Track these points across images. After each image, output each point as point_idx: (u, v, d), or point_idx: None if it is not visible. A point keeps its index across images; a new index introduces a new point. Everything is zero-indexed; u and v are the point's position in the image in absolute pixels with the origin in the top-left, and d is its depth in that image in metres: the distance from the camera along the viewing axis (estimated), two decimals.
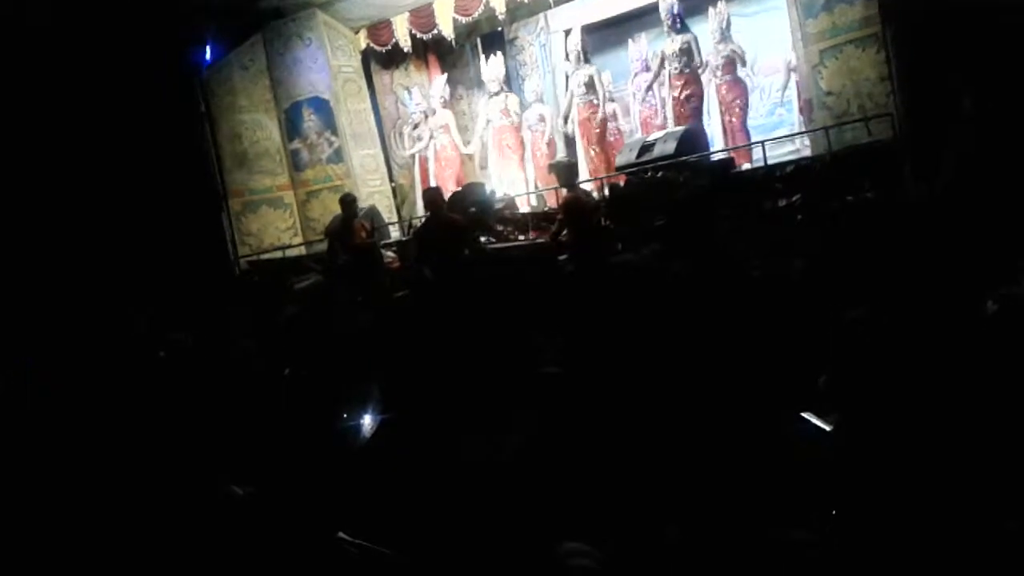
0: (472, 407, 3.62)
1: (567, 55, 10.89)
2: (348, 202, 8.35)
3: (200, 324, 6.29)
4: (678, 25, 9.61)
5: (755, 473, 2.70)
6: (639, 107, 10.58)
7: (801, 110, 9.46)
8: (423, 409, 3.71)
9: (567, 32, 11.69)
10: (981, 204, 4.67)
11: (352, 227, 8.16)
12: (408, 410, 3.78)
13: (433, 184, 10.53)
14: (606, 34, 11.87)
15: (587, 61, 10.52)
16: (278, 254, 11.02)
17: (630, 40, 10.83)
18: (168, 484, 2.77)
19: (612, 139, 10.59)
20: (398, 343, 4.95)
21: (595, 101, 10.37)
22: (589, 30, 11.07)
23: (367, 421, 3.83)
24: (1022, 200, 4.46)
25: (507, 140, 10.94)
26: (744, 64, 9.59)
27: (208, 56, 11.20)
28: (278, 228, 11.51)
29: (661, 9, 9.66)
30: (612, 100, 10.89)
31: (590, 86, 10.35)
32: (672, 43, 9.66)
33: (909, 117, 6.60)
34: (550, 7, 10.99)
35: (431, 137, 11.38)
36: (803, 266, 4.62)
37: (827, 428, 2.76)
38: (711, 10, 9.63)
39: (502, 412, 3.49)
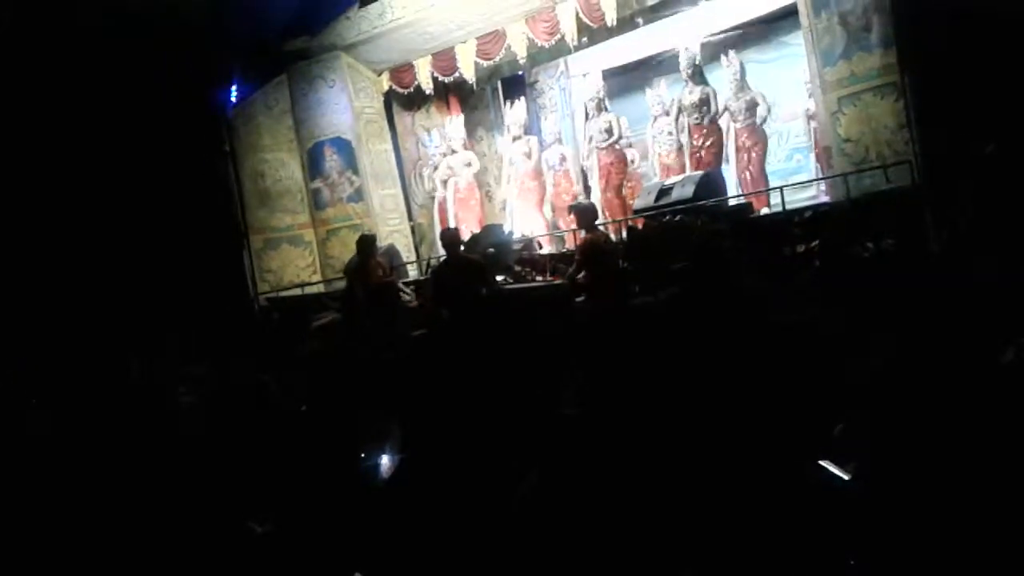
0: (489, 447, 3.62)
1: (586, 100, 11.01)
2: (365, 242, 8.42)
3: (219, 360, 6.33)
4: (697, 77, 9.72)
5: (772, 520, 2.68)
6: (658, 151, 10.67)
7: (818, 157, 9.50)
8: (441, 448, 3.72)
9: (585, 75, 11.88)
10: (1001, 252, 4.66)
11: (369, 266, 8.22)
12: (426, 449, 3.79)
13: (453, 224, 10.63)
14: (624, 79, 12.03)
15: (606, 106, 10.63)
16: (297, 291, 11.10)
17: (647, 88, 10.94)
18: (187, 520, 2.78)
19: (631, 183, 10.66)
20: (416, 382, 4.97)
21: (615, 145, 10.46)
22: (607, 75, 11.21)
23: (385, 460, 3.83)
24: None
25: (527, 182, 11.03)
26: (762, 110, 9.67)
27: (234, 96, 11.41)
28: (298, 266, 11.62)
29: (681, 60, 9.79)
30: (630, 145, 10.98)
31: (609, 131, 10.45)
32: (691, 94, 9.78)
33: (928, 165, 6.61)
34: (570, 52, 11.14)
35: (450, 177, 11.49)
36: (822, 313, 4.61)
37: (844, 477, 2.74)
38: (724, 58, 9.75)
39: (519, 453, 3.49)
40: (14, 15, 8.82)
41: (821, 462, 2.85)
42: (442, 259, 8.39)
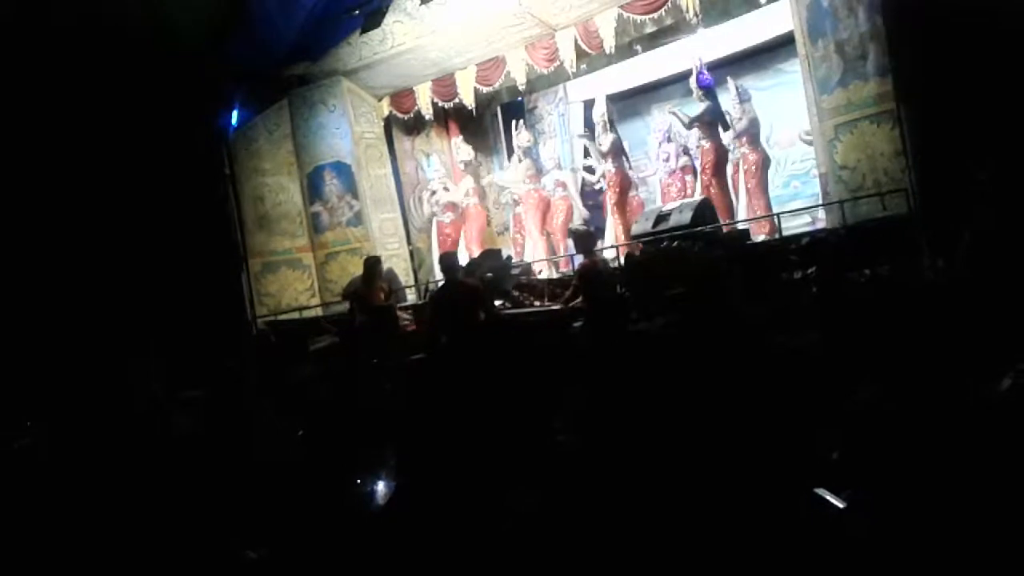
0: (486, 474, 3.62)
1: (587, 124, 11.08)
2: (372, 264, 8.46)
3: (215, 382, 6.32)
4: (708, 97, 9.78)
5: (766, 548, 2.68)
6: (660, 176, 10.72)
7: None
8: (437, 475, 3.71)
9: (586, 103, 11.96)
10: (998, 281, 4.67)
11: (372, 288, 8.24)
12: (421, 476, 3.78)
13: (452, 248, 10.69)
14: (621, 105, 12.12)
15: (613, 130, 10.70)
16: (295, 315, 11.11)
17: (647, 114, 11.02)
18: (181, 546, 2.77)
19: (632, 207, 10.71)
20: (413, 407, 4.97)
21: (622, 169, 10.52)
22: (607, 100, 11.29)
23: (381, 486, 3.83)
24: None
25: (528, 206, 11.08)
26: (761, 134, 9.73)
27: (235, 119, 11.48)
28: (296, 289, 11.64)
29: (692, 79, 9.85)
30: (631, 168, 11.05)
31: (617, 155, 10.51)
32: (704, 112, 9.83)
33: (924, 193, 6.64)
34: (569, 79, 11.25)
35: (451, 202, 11.56)
36: (818, 340, 4.62)
37: (840, 505, 2.74)
38: (729, 81, 9.83)
39: (515, 480, 3.49)
40: (16, 37, 8.88)
41: (817, 490, 2.84)
42: (440, 284, 8.41)
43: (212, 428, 4.64)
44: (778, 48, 10.52)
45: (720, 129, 9.79)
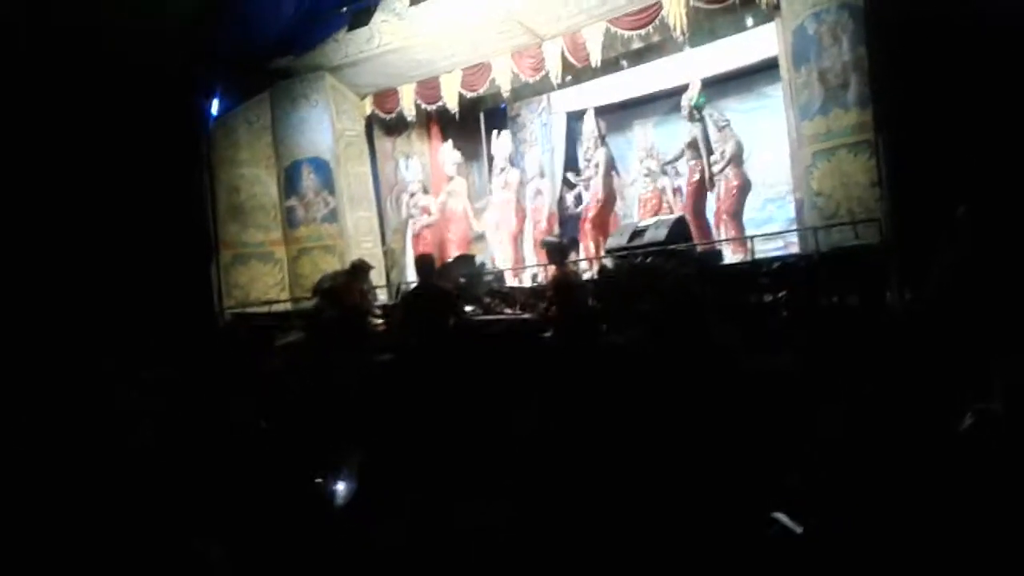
0: (447, 476, 3.59)
1: (571, 136, 11.11)
2: (359, 266, 8.43)
3: (177, 367, 6.22)
4: (696, 115, 9.84)
5: (724, 570, 2.68)
6: (640, 191, 10.76)
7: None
8: (400, 474, 3.68)
9: (570, 115, 12.00)
10: (965, 316, 4.72)
11: (352, 290, 8.20)
12: (385, 475, 3.75)
13: (426, 251, 10.64)
14: (604, 119, 12.15)
15: (604, 144, 10.72)
16: (264, 308, 11.01)
17: (636, 126, 11.07)
18: (133, 539, 2.72)
19: (610, 220, 10.74)
20: (379, 407, 4.93)
21: (610, 185, 10.55)
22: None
23: (343, 485, 3.79)
24: (1006, 315, 4.52)
25: (506, 214, 11.07)
26: (741, 157, 9.81)
27: (216, 109, 11.38)
28: (266, 283, 11.55)
29: (683, 99, 9.88)
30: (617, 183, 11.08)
31: (607, 171, 10.53)
32: (690, 132, 9.88)
33: (897, 224, 6.72)
34: (554, 89, 11.27)
35: (428, 205, 11.55)
36: (783, 363, 4.65)
37: (797, 530, 2.75)
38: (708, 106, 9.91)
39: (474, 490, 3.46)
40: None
41: (775, 514, 2.85)
42: (413, 286, 8.38)
43: (169, 412, 4.57)
44: (762, 72, 10.62)
45: (708, 150, 9.84)
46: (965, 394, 3.50)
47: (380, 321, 8.72)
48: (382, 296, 10.77)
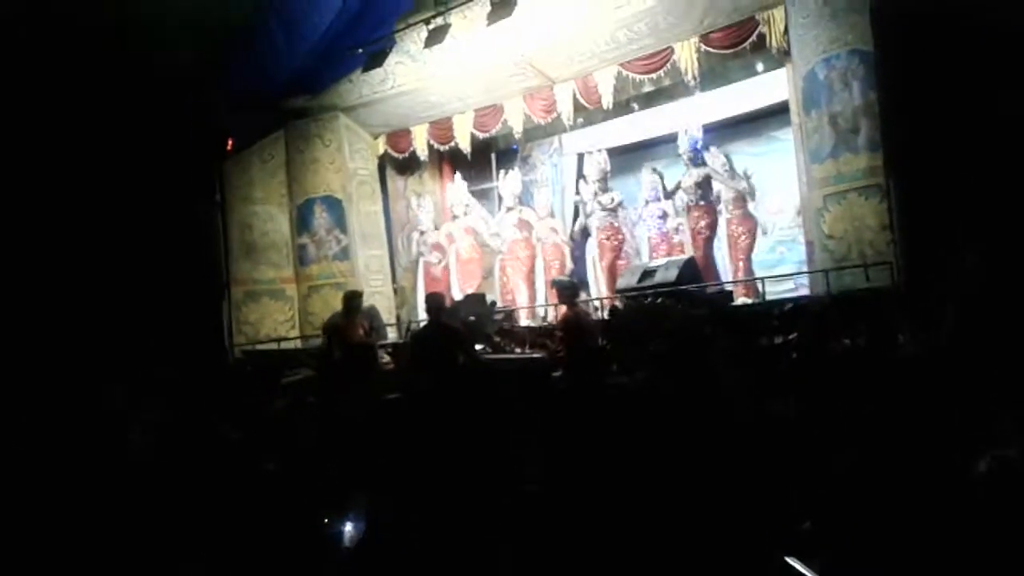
0: (455, 519, 3.56)
1: (584, 175, 11.16)
2: (352, 297, 8.39)
3: (180, 406, 6.20)
4: (698, 159, 9.91)
5: None
6: (649, 233, 10.79)
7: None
8: (407, 518, 3.65)
9: (580, 155, 12.07)
10: (979, 362, 4.68)
11: (352, 323, 8.17)
12: (392, 518, 3.72)
13: (458, 290, 10.73)
14: (615, 160, 12.22)
15: (608, 183, 10.77)
16: (273, 345, 11.01)
17: (640, 171, 11.12)
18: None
19: (621, 262, 10.75)
20: (387, 446, 4.90)
21: (615, 223, 10.57)
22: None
23: (350, 526, 3.75)
24: (1017, 360, 4.48)
25: (518, 252, 11.10)
26: (752, 199, 9.84)
27: (230, 146, 11.49)
28: (276, 320, 11.55)
29: (680, 143, 9.97)
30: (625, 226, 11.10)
31: (613, 209, 10.56)
32: (689, 176, 9.95)
33: (908, 268, 6.69)
34: (565, 131, 11.37)
35: (452, 244, 11.60)
36: (795, 407, 4.61)
37: (809, 575, 2.70)
38: (713, 148, 9.97)
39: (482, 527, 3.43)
40: (16, 56, 8.88)
41: (787, 558, 2.81)
42: (422, 324, 8.37)
43: (170, 449, 4.55)
44: (772, 115, 10.68)
45: (712, 192, 9.89)
46: (980, 439, 3.45)
47: (388, 359, 8.71)
48: (391, 334, 10.77)
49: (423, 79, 10.45)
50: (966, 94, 6.19)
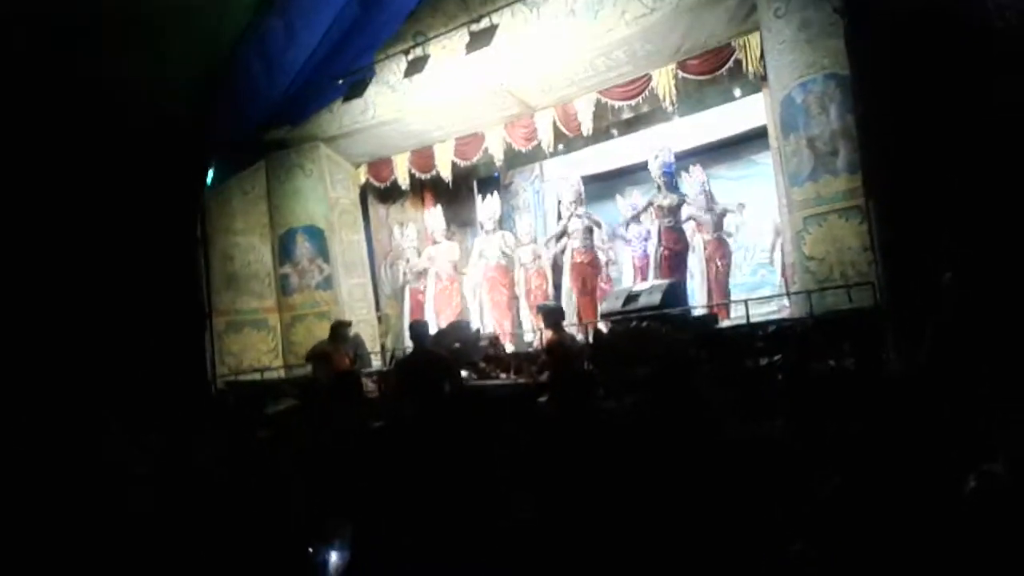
0: (443, 548, 3.53)
1: (561, 199, 11.21)
2: (340, 326, 8.39)
3: (172, 434, 6.14)
4: (671, 183, 9.99)
5: None
6: (631, 255, 10.83)
7: (783, 273, 9.72)
8: (393, 547, 3.62)
9: (560, 181, 12.13)
10: (960, 379, 4.71)
11: (339, 352, 8.15)
12: (378, 547, 3.68)
13: (433, 316, 10.69)
14: (595, 187, 12.33)
15: (584, 207, 10.80)
16: (256, 376, 10.93)
17: (619, 195, 11.20)
18: None
19: (603, 285, 10.79)
20: (372, 477, 4.86)
21: (591, 247, 10.61)
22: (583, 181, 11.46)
23: (334, 556, 3.71)
24: (1000, 376, 4.51)
25: (498, 278, 11.11)
26: (735, 219, 9.93)
27: (211, 178, 11.46)
28: (259, 350, 11.48)
29: (652, 168, 10.05)
30: (601, 249, 11.16)
31: (588, 231, 10.60)
32: (663, 199, 10.02)
33: (890, 288, 6.74)
34: (546, 158, 11.44)
35: (429, 268, 11.60)
36: (782, 429, 4.62)
37: None
38: (688, 171, 10.06)
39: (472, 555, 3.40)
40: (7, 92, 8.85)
41: None
42: (407, 351, 8.34)
43: (168, 478, 4.50)
44: (751, 139, 10.81)
45: (684, 217, 9.97)
46: (966, 456, 3.47)
47: (373, 387, 8.66)
48: (375, 362, 10.73)
49: (403, 108, 10.50)
50: (944, 115, 6.29)
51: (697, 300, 9.66)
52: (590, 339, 8.75)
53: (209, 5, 9.39)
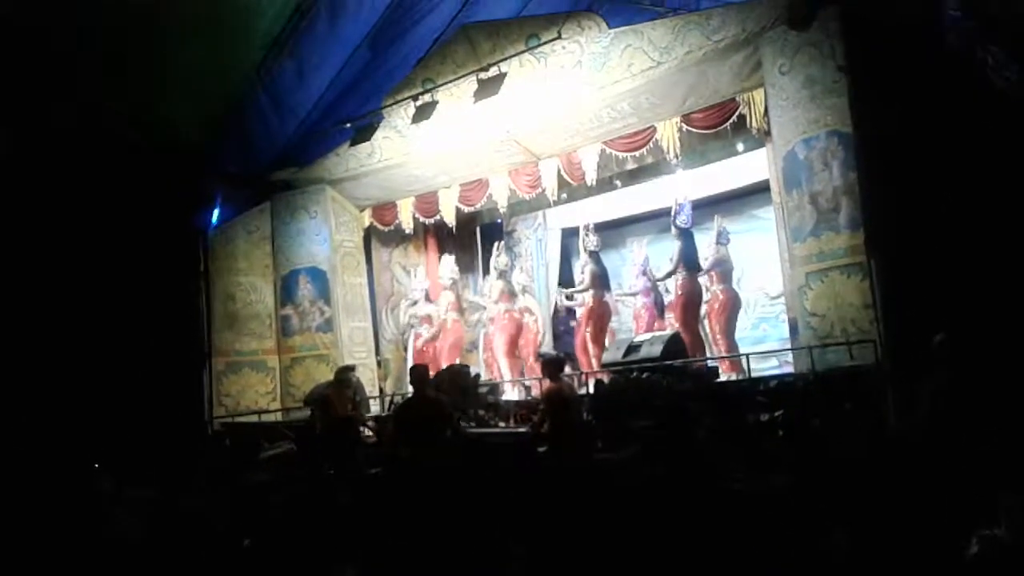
0: None
1: (565, 252, 11.25)
2: (344, 371, 8.39)
3: (165, 484, 6.10)
4: (685, 233, 9.96)
5: None
6: (636, 307, 10.81)
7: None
8: None
9: (565, 230, 12.19)
10: (958, 442, 4.68)
11: (341, 397, 8.11)
12: None
13: (425, 362, 10.62)
14: (599, 236, 12.36)
15: (594, 258, 10.80)
16: (254, 418, 10.85)
17: (630, 241, 11.21)
18: None
19: (606, 335, 10.74)
20: (368, 523, 4.81)
21: (603, 297, 10.58)
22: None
23: None
24: (999, 440, 4.48)
25: (498, 327, 11.08)
26: (735, 272, 9.93)
27: (216, 218, 11.52)
28: (257, 391, 11.41)
29: (673, 215, 10.01)
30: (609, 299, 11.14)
31: (603, 280, 10.59)
32: (678, 249, 9.97)
33: (891, 346, 6.72)
34: (550, 206, 11.50)
35: (428, 315, 11.59)
36: (783, 483, 4.58)
37: None
38: (716, 220, 10.09)
39: None
40: (18, 134, 8.95)
41: None
42: (406, 397, 8.29)
43: (157, 530, 4.45)
44: (753, 194, 10.86)
45: (698, 267, 9.95)
46: (967, 519, 3.43)
47: (370, 432, 8.61)
48: (374, 407, 10.67)
49: (410, 153, 10.57)
50: (945, 174, 6.34)
51: (704, 352, 9.61)
52: (591, 390, 8.72)
53: (220, 41, 9.53)
